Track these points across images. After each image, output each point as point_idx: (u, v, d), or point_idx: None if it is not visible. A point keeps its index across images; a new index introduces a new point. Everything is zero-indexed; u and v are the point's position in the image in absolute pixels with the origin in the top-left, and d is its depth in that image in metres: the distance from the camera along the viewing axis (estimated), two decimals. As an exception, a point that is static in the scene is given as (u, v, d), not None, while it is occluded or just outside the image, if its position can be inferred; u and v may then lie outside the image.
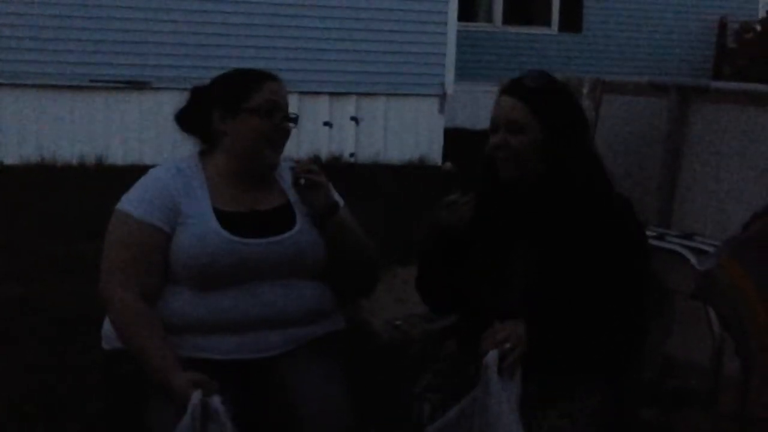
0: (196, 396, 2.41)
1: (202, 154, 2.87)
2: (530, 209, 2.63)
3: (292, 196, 2.88)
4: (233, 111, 2.77)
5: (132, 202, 2.74)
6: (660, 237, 3.81)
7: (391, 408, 2.71)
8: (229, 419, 2.42)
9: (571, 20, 14.84)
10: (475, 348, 2.45)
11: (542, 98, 2.58)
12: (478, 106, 13.25)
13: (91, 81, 10.18)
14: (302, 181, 2.82)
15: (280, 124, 2.81)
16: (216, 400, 2.42)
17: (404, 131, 11.44)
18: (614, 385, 2.64)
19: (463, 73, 12.48)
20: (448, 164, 11.08)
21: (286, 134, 2.84)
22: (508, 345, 2.41)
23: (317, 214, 2.84)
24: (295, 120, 2.85)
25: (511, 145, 2.57)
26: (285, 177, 2.90)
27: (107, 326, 2.80)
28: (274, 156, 2.83)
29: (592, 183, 2.61)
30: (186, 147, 2.92)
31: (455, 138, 11.64)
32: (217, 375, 2.60)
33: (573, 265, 2.54)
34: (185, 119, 2.89)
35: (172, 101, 2.88)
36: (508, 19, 14.68)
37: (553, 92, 2.63)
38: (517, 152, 2.57)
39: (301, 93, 10.30)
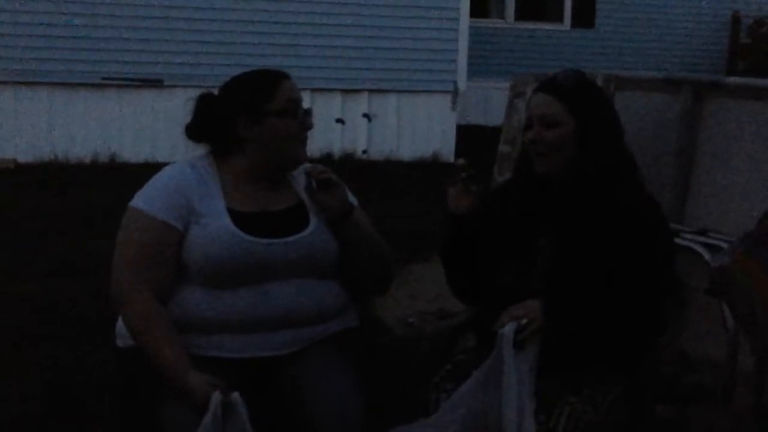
0: (216, 397, 2.41)
1: (216, 154, 2.86)
2: (557, 198, 2.69)
3: (306, 196, 2.88)
4: (257, 116, 2.74)
5: (145, 199, 2.74)
6: (674, 233, 3.80)
7: (403, 404, 2.71)
8: (247, 417, 2.43)
9: (584, 16, 14.81)
10: (493, 340, 2.49)
11: (575, 94, 2.67)
12: (490, 102, 13.24)
13: (104, 79, 10.20)
14: (314, 184, 2.82)
15: (304, 120, 2.80)
16: (237, 397, 2.43)
17: (416, 128, 11.43)
18: (633, 378, 2.68)
19: (475, 69, 12.46)
20: (461, 161, 11.05)
21: (310, 129, 2.83)
22: (525, 320, 2.47)
23: (332, 217, 2.83)
24: (311, 114, 2.85)
25: (546, 140, 2.65)
26: (298, 178, 2.90)
27: (121, 324, 2.80)
28: (304, 152, 2.83)
29: (619, 179, 2.68)
30: (196, 145, 2.90)
31: (468, 135, 11.63)
32: (229, 373, 2.61)
33: (592, 256, 2.60)
34: (197, 131, 2.85)
35: (184, 99, 2.87)
36: (520, 15, 14.66)
37: (585, 89, 2.72)
38: (553, 146, 2.65)
39: (314, 90, 10.31)
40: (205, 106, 2.84)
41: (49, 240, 6.70)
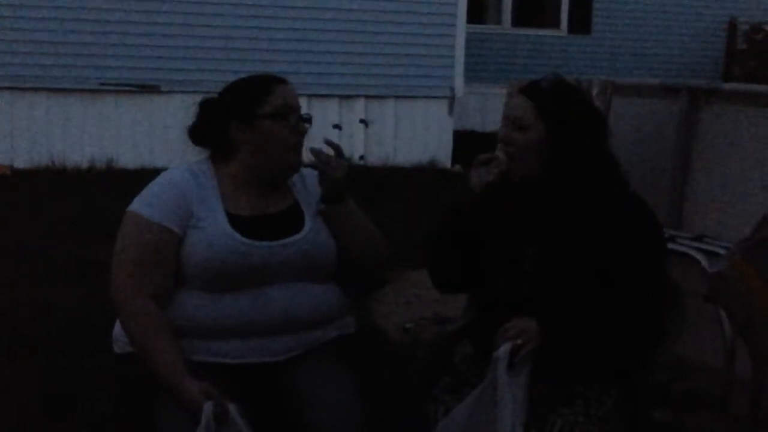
0: (208, 407, 2.41)
1: (214, 158, 2.87)
2: (538, 204, 2.69)
3: (300, 197, 2.88)
4: (249, 119, 2.76)
5: (144, 203, 2.74)
6: (671, 239, 3.81)
7: (401, 410, 2.71)
8: (245, 427, 2.42)
9: (581, 22, 14.83)
10: (490, 348, 2.48)
11: (550, 99, 2.65)
12: (487, 108, 13.23)
13: (101, 84, 10.20)
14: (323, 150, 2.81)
15: (297, 125, 2.81)
16: (234, 409, 2.43)
17: (413, 134, 11.44)
18: (629, 385, 2.67)
19: (472, 75, 12.47)
20: (458, 166, 11.08)
21: (303, 134, 2.83)
22: (519, 341, 2.46)
23: (330, 194, 2.83)
24: (309, 120, 2.86)
25: (515, 141, 2.66)
26: (294, 179, 2.91)
27: (118, 329, 2.81)
28: (296, 158, 2.83)
29: (602, 181, 2.66)
30: (196, 150, 2.92)
31: (465, 140, 11.63)
32: (228, 378, 2.61)
33: (580, 259, 2.59)
34: (198, 134, 2.87)
35: (181, 105, 2.88)
36: (517, 21, 14.68)
37: (561, 93, 2.69)
38: (520, 148, 2.65)
39: (311, 96, 10.31)
40: (205, 109, 2.86)
41: (46, 245, 6.69)
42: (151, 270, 2.67)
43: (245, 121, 2.76)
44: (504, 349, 2.45)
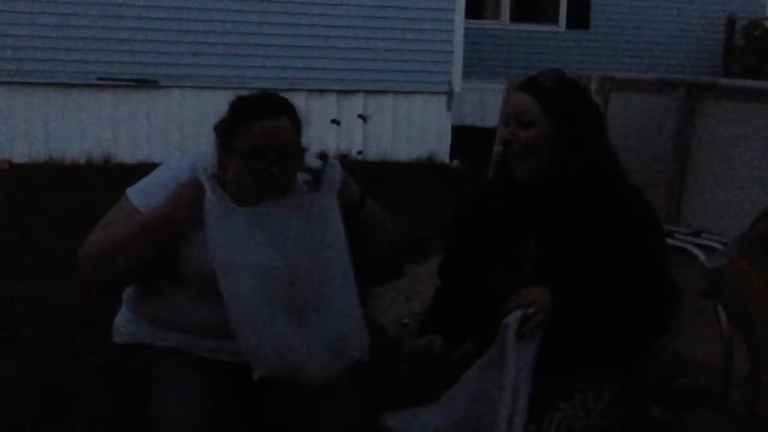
0: (201, 176, 2.54)
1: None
2: (542, 200, 2.67)
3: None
4: (225, 146, 2.64)
5: (136, 189, 2.74)
6: (668, 234, 3.80)
7: (400, 406, 2.71)
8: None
9: (579, 17, 14.83)
10: (489, 346, 2.49)
11: (553, 95, 2.64)
12: (485, 103, 13.26)
13: (100, 79, 10.19)
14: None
15: (270, 167, 2.59)
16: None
17: (412, 129, 11.43)
18: (627, 381, 2.67)
19: (470, 70, 12.47)
20: (456, 162, 11.08)
21: (277, 177, 2.61)
22: (531, 309, 2.46)
23: (346, 210, 2.71)
24: (298, 153, 2.66)
25: (521, 139, 2.64)
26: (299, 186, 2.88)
27: (118, 320, 2.82)
28: (260, 196, 2.62)
29: (604, 176, 2.66)
30: (192, 145, 2.89)
31: (463, 135, 11.63)
32: (228, 376, 2.61)
33: (579, 254, 2.59)
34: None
35: (180, 99, 2.85)
36: (515, 17, 14.67)
37: (565, 89, 2.68)
38: (527, 146, 2.63)
39: (309, 91, 10.31)
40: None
41: (44, 240, 6.69)
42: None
43: (224, 146, 2.65)
44: (514, 316, 2.45)
